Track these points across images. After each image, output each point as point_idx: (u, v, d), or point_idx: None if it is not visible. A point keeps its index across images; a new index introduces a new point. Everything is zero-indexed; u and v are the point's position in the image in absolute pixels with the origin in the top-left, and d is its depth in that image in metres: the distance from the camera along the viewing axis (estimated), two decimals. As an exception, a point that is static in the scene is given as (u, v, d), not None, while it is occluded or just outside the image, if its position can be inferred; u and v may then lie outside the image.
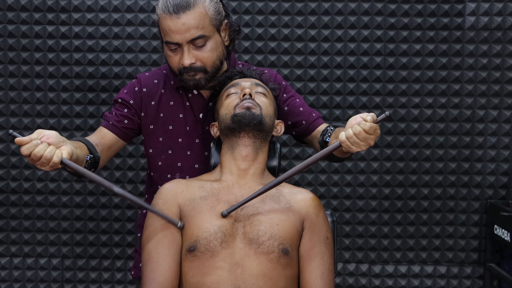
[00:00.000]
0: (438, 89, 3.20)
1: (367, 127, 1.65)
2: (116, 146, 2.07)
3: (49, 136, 1.62)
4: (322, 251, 1.79)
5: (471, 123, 3.21)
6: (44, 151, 1.58)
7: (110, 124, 2.06)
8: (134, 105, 2.09)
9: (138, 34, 3.17)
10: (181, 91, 2.11)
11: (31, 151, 1.58)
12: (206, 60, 1.97)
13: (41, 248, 3.24)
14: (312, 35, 3.18)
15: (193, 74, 1.98)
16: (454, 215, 3.25)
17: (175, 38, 1.94)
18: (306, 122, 2.11)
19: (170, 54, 1.99)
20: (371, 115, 1.65)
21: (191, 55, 1.96)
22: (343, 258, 3.26)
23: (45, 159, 1.59)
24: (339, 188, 3.24)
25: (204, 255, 1.71)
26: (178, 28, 1.92)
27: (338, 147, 1.72)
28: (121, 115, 2.07)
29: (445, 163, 3.22)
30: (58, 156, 1.61)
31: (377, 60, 3.19)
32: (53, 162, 1.60)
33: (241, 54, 3.17)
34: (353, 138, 1.67)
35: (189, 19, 1.92)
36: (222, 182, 1.86)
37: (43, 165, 1.61)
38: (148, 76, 2.16)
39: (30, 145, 1.58)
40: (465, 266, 3.26)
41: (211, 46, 1.97)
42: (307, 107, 2.15)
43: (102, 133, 2.04)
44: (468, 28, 3.17)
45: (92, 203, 3.22)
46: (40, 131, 1.62)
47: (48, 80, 3.18)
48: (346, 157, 1.93)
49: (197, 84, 2.01)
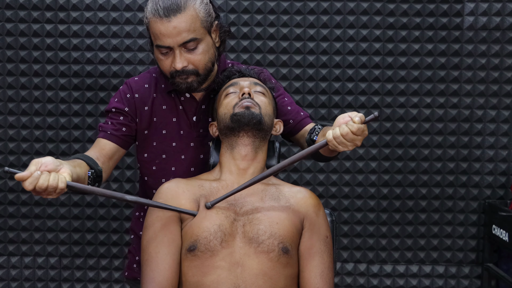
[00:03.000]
0: (436, 89, 3.21)
1: (355, 128, 1.64)
2: (117, 155, 2.03)
3: (46, 164, 1.58)
4: (322, 250, 1.80)
5: (470, 123, 3.22)
6: (48, 181, 1.54)
7: (108, 134, 2.02)
8: (130, 112, 2.05)
9: (137, 33, 3.17)
10: (173, 94, 2.08)
11: (34, 185, 1.53)
12: (198, 63, 1.95)
13: (38, 247, 3.24)
14: (311, 34, 3.19)
15: (185, 77, 1.96)
16: (452, 215, 3.25)
17: (166, 41, 1.91)
18: (293, 121, 2.10)
19: (161, 57, 1.96)
20: (359, 116, 1.64)
21: (183, 58, 1.93)
22: (341, 257, 3.26)
23: (51, 188, 1.54)
24: (337, 187, 3.25)
25: (204, 254, 1.71)
26: (169, 31, 1.89)
27: (324, 145, 1.71)
28: (118, 123, 2.04)
29: (443, 162, 3.23)
30: (63, 181, 1.57)
31: (376, 59, 3.20)
32: (59, 189, 1.56)
33: (239, 53, 3.18)
34: (340, 139, 1.66)
35: (180, 23, 1.89)
36: (221, 181, 1.86)
37: (50, 194, 1.57)
38: (138, 80, 2.12)
39: (32, 179, 1.53)
40: (463, 266, 3.27)
41: (203, 49, 1.95)
42: (295, 106, 2.14)
43: (101, 144, 2.00)
44: (467, 28, 3.18)
45: (90, 202, 3.22)
46: (37, 161, 1.57)
47: (46, 79, 3.18)
48: (333, 156, 1.91)
49: (190, 87, 1.98)
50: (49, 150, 3.18)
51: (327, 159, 1.95)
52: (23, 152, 3.20)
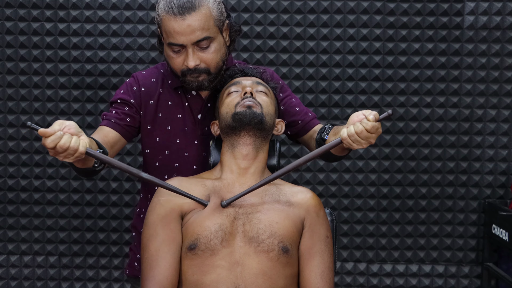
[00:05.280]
0: (436, 88, 3.21)
1: (369, 126, 1.65)
2: (118, 145, 2.02)
3: (70, 127, 1.57)
4: (322, 249, 1.80)
5: (470, 123, 3.22)
6: (70, 142, 1.54)
7: (112, 122, 2.01)
8: (135, 103, 2.05)
9: (137, 32, 3.17)
10: (180, 91, 2.09)
11: (56, 143, 1.53)
12: (211, 61, 1.95)
13: (38, 246, 3.24)
14: (311, 33, 3.19)
15: (196, 75, 1.96)
16: (452, 214, 3.26)
17: (179, 39, 1.91)
18: (302, 122, 2.11)
19: (173, 55, 1.96)
20: (374, 114, 1.65)
21: (195, 56, 1.93)
22: (341, 257, 3.27)
23: (71, 150, 1.55)
24: (337, 187, 3.25)
25: (204, 253, 1.71)
26: (183, 29, 1.89)
27: (339, 143, 1.72)
28: (123, 113, 2.04)
29: (443, 162, 3.24)
30: (84, 146, 1.57)
31: (376, 59, 3.20)
32: (79, 153, 1.56)
33: (239, 52, 3.18)
34: (355, 136, 1.67)
35: (194, 21, 1.89)
36: (222, 180, 1.86)
37: (67, 157, 1.57)
38: (145, 74, 2.13)
39: (54, 137, 1.52)
40: (463, 265, 3.28)
41: (215, 47, 1.95)
42: (303, 107, 2.15)
43: (104, 131, 1.98)
44: (467, 27, 3.19)
45: (89, 201, 3.22)
46: (61, 122, 1.57)
47: (46, 78, 3.18)
48: (344, 155, 1.92)
49: (200, 86, 1.99)
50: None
51: (337, 158, 1.96)
52: (22, 151, 3.20)
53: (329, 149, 1.75)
